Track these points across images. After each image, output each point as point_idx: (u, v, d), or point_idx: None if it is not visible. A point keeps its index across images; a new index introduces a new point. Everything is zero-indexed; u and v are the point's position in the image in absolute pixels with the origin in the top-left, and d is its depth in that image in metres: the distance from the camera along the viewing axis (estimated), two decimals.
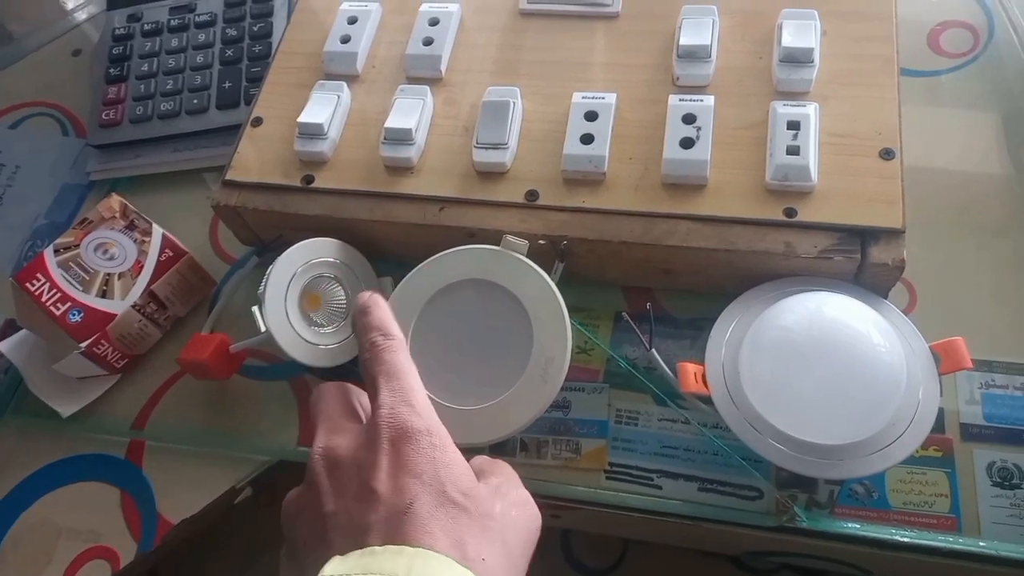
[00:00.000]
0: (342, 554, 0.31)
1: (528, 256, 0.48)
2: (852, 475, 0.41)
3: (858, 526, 0.44)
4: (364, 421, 0.39)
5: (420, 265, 0.49)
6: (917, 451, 0.45)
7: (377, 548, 0.31)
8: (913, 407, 0.42)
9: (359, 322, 0.40)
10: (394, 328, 0.40)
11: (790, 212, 0.46)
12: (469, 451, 0.50)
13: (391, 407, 0.35)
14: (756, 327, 0.44)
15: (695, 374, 0.44)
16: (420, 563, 0.30)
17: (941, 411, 0.47)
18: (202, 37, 0.65)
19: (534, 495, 0.49)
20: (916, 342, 0.44)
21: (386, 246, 0.53)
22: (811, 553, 0.52)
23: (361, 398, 0.41)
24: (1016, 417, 0.46)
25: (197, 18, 0.66)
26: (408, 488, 0.33)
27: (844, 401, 0.41)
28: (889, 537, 0.44)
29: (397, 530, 0.31)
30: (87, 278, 0.53)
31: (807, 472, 0.41)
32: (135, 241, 0.55)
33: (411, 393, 0.37)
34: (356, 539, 0.32)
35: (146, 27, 0.67)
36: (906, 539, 0.44)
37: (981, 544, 0.43)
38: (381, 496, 0.33)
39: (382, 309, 0.41)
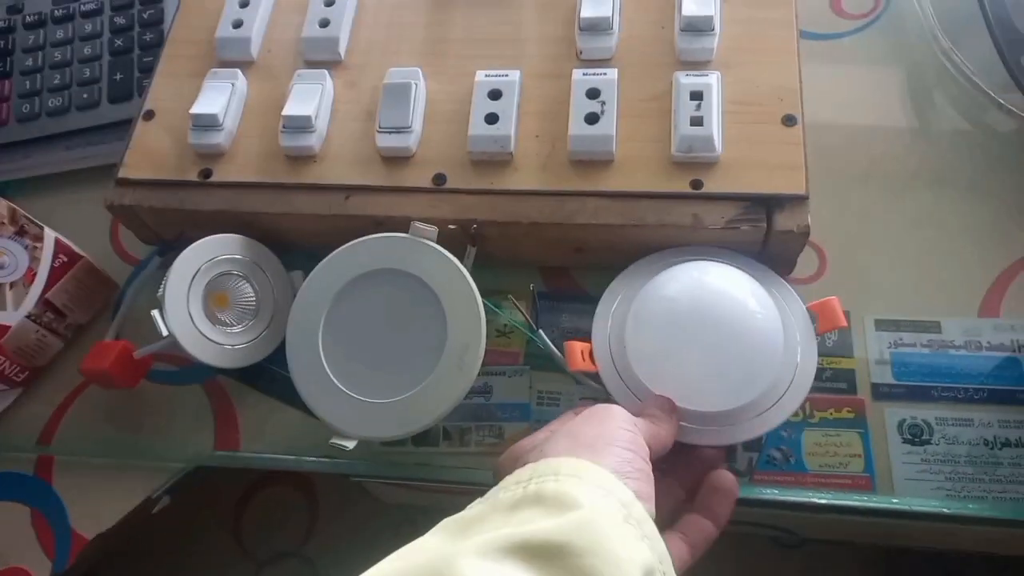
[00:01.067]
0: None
1: (439, 242, 0.47)
2: (733, 440, 0.42)
3: (777, 491, 0.45)
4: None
5: (327, 257, 0.47)
6: (831, 413, 0.47)
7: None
8: (792, 370, 0.42)
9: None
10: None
11: (696, 184, 0.46)
12: (394, 444, 0.49)
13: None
14: (639, 300, 0.44)
15: (582, 352, 0.44)
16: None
17: (852, 372, 0.47)
18: (89, 27, 0.62)
19: (457, 484, 0.49)
20: (795, 305, 0.44)
21: (293, 239, 0.51)
22: (738, 519, 0.52)
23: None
24: (924, 373, 0.47)
25: (83, 7, 0.63)
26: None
27: (724, 368, 0.41)
28: (807, 500, 0.45)
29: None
30: None
31: (689, 440, 0.42)
32: (26, 248, 0.52)
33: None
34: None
35: (28, 19, 0.63)
36: (823, 501, 0.45)
37: (894, 501, 0.44)
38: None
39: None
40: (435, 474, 0.48)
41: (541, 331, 0.47)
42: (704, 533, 0.39)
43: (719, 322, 0.42)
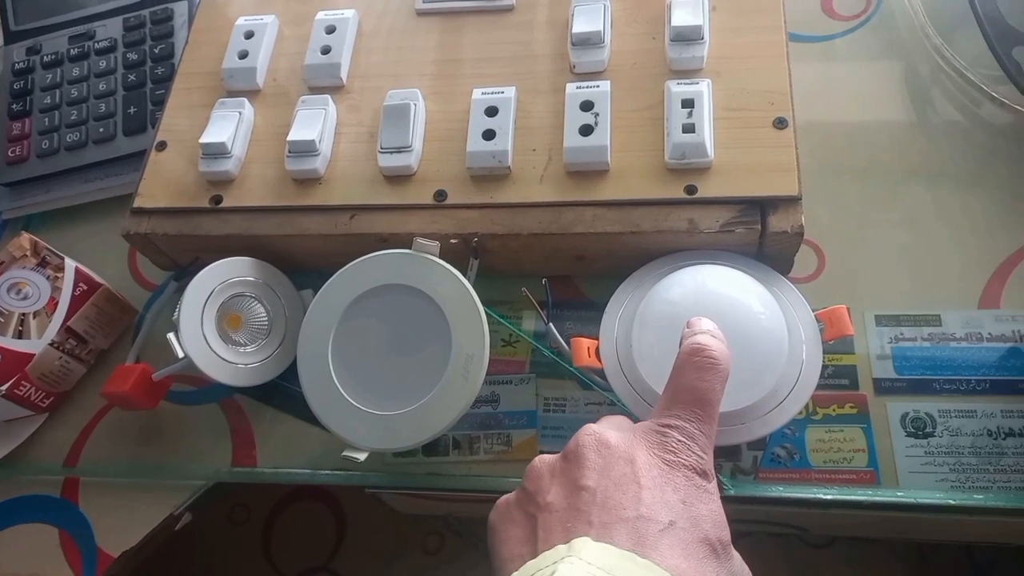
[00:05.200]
0: (595, 532, 0.31)
1: (441, 256, 0.48)
2: (739, 440, 0.42)
3: (782, 488, 0.46)
4: None
5: (334, 275, 0.49)
6: (834, 409, 0.47)
7: (629, 553, 0.30)
8: (797, 370, 0.43)
9: (695, 325, 0.38)
10: (727, 356, 0.36)
11: (691, 189, 0.47)
12: (405, 455, 0.50)
13: (685, 436, 0.34)
14: (645, 303, 0.45)
15: (589, 348, 0.45)
16: None
17: (853, 368, 0.48)
18: (103, 64, 0.64)
19: (467, 492, 0.50)
20: (802, 311, 0.45)
21: (302, 259, 0.53)
22: (747, 518, 0.53)
23: None
24: (925, 367, 0.47)
25: (97, 45, 0.65)
26: (673, 507, 0.32)
27: None
28: (812, 496, 0.45)
29: (650, 541, 0.30)
30: (1, 320, 0.52)
31: None
32: (48, 278, 0.54)
33: (710, 432, 0.35)
34: (607, 523, 0.31)
35: (46, 59, 0.66)
36: (829, 496, 0.45)
37: (899, 494, 0.44)
38: (643, 499, 0.32)
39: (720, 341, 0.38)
40: (446, 483, 0.50)
41: (551, 324, 0.48)
42: None
43: (723, 324, 0.42)
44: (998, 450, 0.45)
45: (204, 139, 0.52)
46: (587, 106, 0.49)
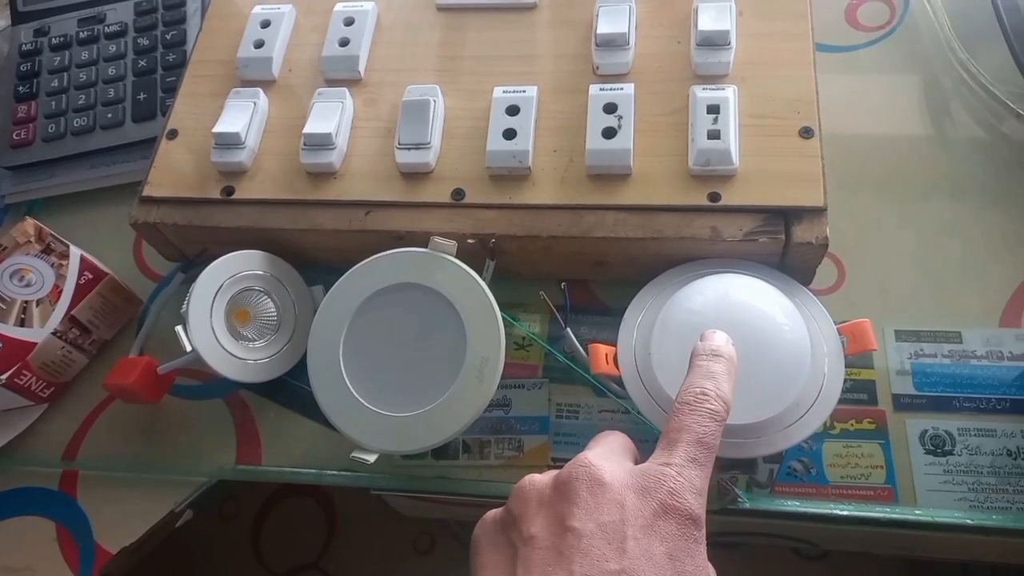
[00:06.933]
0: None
1: (458, 256, 0.47)
2: (758, 454, 0.42)
3: (798, 503, 0.45)
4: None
5: (347, 272, 0.48)
6: (852, 424, 0.47)
7: None
8: (819, 383, 0.42)
9: (700, 362, 0.38)
10: (731, 394, 0.36)
11: (714, 196, 0.46)
12: (414, 458, 0.49)
13: (682, 478, 0.33)
14: (666, 310, 0.44)
15: (607, 355, 0.45)
16: None
17: (872, 383, 0.47)
18: (113, 48, 0.63)
19: (476, 497, 0.49)
20: (825, 324, 0.44)
21: (314, 254, 0.52)
22: (758, 531, 0.52)
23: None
24: (945, 384, 0.47)
25: (107, 29, 0.64)
26: (657, 562, 0.31)
27: (750, 381, 0.40)
28: (829, 512, 0.45)
29: None
30: (3, 307, 0.51)
31: None
32: (52, 265, 0.53)
33: (705, 477, 0.34)
34: (588, 574, 0.31)
35: (54, 41, 0.64)
36: (845, 512, 0.44)
37: (917, 512, 0.44)
38: (628, 550, 0.31)
39: (729, 364, 0.38)
40: (455, 487, 0.49)
41: (569, 329, 0.47)
42: None
43: (745, 334, 0.42)
44: (1018, 470, 0.44)
45: (217, 128, 0.51)
46: (611, 108, 0.49)
